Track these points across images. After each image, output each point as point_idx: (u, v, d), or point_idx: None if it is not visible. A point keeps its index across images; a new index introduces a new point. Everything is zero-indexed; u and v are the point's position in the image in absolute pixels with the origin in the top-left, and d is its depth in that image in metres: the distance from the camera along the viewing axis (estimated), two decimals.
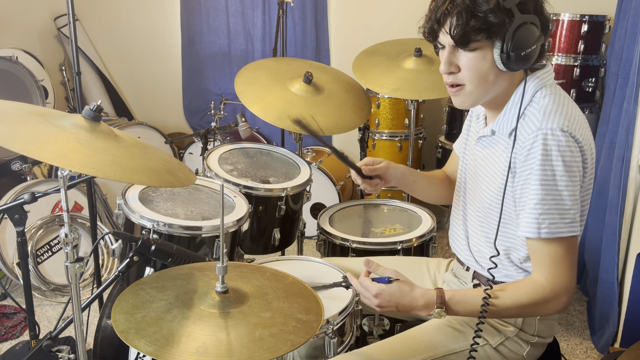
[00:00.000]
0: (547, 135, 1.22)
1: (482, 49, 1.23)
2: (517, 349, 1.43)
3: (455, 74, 1.29)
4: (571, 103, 1.31)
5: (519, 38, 1.19)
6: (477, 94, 1.30)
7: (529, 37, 1.20)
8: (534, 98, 1.29)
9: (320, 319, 1.15)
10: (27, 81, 3.20)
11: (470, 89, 1.29)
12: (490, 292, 1.26)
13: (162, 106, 4.38)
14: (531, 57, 1.23)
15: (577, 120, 1.27)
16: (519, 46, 1.20)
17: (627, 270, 2.39)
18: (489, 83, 1.28)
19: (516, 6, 1.19)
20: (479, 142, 1.42)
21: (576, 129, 1.24)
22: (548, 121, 1.23)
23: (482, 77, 1.26)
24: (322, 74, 2.45)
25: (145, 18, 4.21)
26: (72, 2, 2.09)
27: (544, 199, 1.23)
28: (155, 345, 1.03)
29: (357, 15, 3.82)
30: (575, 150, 1.23)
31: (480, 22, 1.19)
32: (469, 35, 1.21)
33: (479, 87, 1.28)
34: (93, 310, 2.70)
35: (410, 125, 2.95)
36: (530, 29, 1.20)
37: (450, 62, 1.28)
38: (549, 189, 1.23)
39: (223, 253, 1.14)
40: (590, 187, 1.35)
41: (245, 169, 2.27)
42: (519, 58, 1.21)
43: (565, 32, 2.95)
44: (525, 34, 1.20)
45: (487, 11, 1.18)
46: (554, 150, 1.21)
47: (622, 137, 2.40)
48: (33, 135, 1.18)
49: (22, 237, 1.71)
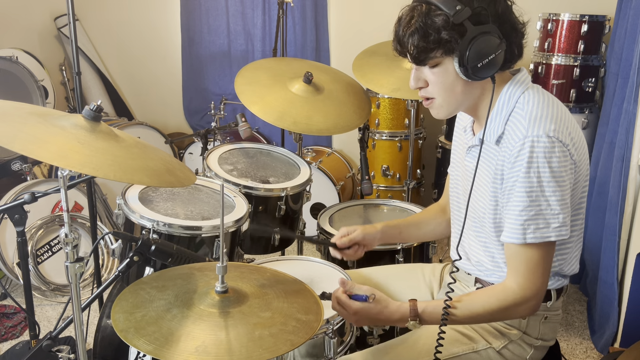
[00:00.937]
0: (533, 143, 1.22)
1: (443, 64, 1.27)
2: (520, 352, 1.43)
3: (425, 88, 1.34)
4: (556, 104, 1.31)
5: (474, 50, 1.22)
6: (448, 104, 1.34)
7: (486, 47, 1.22)
8: (518, 103, 1.30)
9: (319, 319, 1.15)
10: (27, 81, 3.20)
11: (440, 102, 1.34)
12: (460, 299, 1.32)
13: (162, 106, 4.38)
14: (493, 65, 1.24)
15: (563, 121, 1.27)
16: (476, 57, 1.22)
17: (627, 270, 2.39)
18: (458, 94, 1.31)
19: (468, 19, 1.21)
20: (468, 153, 1.43)
21: (562, 132, 1.24)
22: (534, 128, 1.24)
23: (449, 89, 1.30)
24: (322, 74, 2.45)
25: (145, 18, 4.21)
26: (72, 2, 2.09)
27: (529, 206, 1.24)
28: (155, 344, 1.03)
29: (357, 15, 3.82)
30: (562, 154, 1.23)
31: (434, 40, 1.23)
32: (424, 53, 1.26)
33: (448, 99, 1.32)
34: (93, 310, 2.70)
35: (410, 125, 2.96)
36: (487, 39, 1.22)
37: (418, 78, 1.33)
38: (535, 196, 1.24)
39: (223, 253, 1.15)
40: (586, 186, 1.35)
41: (245, 169, 2.27)
42: (479, 68, 1.24)
43: (565, 32, 2.95)
44: (481, 45, 1.22)
45: (438, 29, 1.22)
46: (540, 157, 1.22)
47: (622, 137, 2.40)
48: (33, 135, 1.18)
49: (22, 237, 1.71)
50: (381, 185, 3.45)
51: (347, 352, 1.56)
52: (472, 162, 1.41)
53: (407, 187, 3.11)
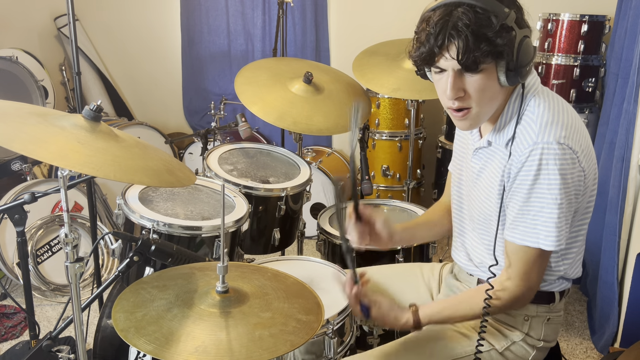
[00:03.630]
0: (543, 150, 1.22)
1: (488, 70, 1.22)
2: (523, 353, 1.43)
3: (462, 98, 1.26)
4: (566, 109, 1.30)
5: (522, 53, 1.20)
6: (484, 114, 1.29)
7: (529, 51, 1.22)
8: (528, 107, 1.29)
9: (320, 319, 1.16)
10: (27, 81, 3.20)
11: (477, 111, 1.27)
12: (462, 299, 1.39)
13: (162, 106, 4.38)
14: (528, 70, 1.24)
15: (574, 127, 1.26)
16: (524, 61, 1.20)
17: (627, 270, 2.39)
18: (494, 102, 1.28)
19: (515, 23, 1.19)
20: (475, 155, 1.42)
21: (573, 139, 1.24)
22: (544, 134, 1.23)
23: (489, 97, 1.26)
24: (322, 74, 2.45)
25: (145, 18, 4.21)
26: (72, 2, 2.09)
27: (540, 212, 1.25)
28: (155, 344, 1.03)
29: (357, 15, 3.82)
30: (572, 162, 1.23)
31: (490, 46, 1.17)
32: (478, 59, 1.18)
33: (485, 107, 1.27)
34: (93, 310, 2.70)
35: (410, 125, 2.95)
36: (528, 42, 1.22)
37: (458, 87, 1.24)
38: (545, 203, 1.24)
39: (224, 253, 1.15)
40: (594, 194, 1.34)
41: (245, 169, 2.27)
42: (524, 72, 1.22)
43: (565, 32, 2.95)
44: (526, 48, 1.21)
45: (495, 33, 1.17)
46: (550, 164, 1.22)
47: (622, 137, 2.40)
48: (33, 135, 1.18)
49: (22, 237, 1.71)
50: (381, 185, 3.45)
51: (347, 352, 1.56)
52: (479, 164, 1.40)
53: (407, 187, 3.11)
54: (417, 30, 1.27)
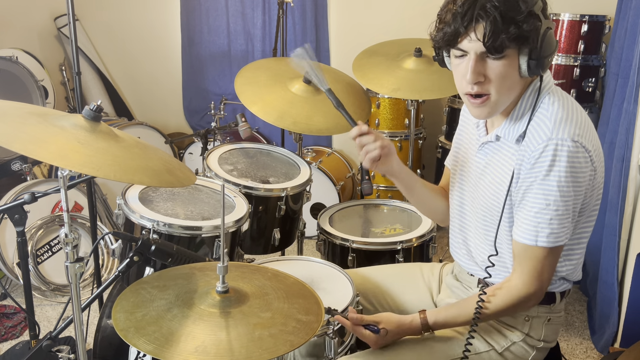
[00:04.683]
0: (557, 146, 1.21)
1: (510, 56, 1.20)
2: (522, 354, 1.42)
3: (482, 84, 1.23)
4: (579, 108, 1.30)
5: (546, 43, 1.19)
6: (501, 103, 1.27)
7: (552, 42, 1.21)
8: (542, 104, 1.28)
9: (320, 319, 1.15)
10: (27, 81, 3.20)
11: (496, 99, 1.25)
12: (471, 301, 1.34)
13: (162, 106, 4.38)
14: (550, 63, 1.23)
15: (586, 127, 1.27)
16: (547, 52, 1.19)
17: (627, 270, 2.39)
18: (512, 91, 1.26)
19: (541, 12, 1.18)
20: (481, 150, 1.40)
21: (586, 138, 1.24)
22: (559, 131, 1.22)
23: (508, 85, 1.24)
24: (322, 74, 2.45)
25: (145, 18, 4.21)
26: (72, 2, 2.09)
27: (545, 209, 1.24)
28: (155, 344, 1.03)
29: (357, 15, 3.82)
30: (585, 160, 1.23)
31: (517, 30, 1.16)
32: (504, 42, 1.17)
33: (503, 96, 1.25)
34: (93, 310, 2.69)
35: (410, 125, 2.95)
36: (551, 33, 1.21)
37: (479, 72, 1.22)
38: (552, 200, 1.23)
39: (224, 253, 1.15)
40: (600, 194, 1.34)
41: (245, 169, 2.27)
42: (545, 63, 1.21)
43: (565, 32, 2.95)
44: (550, 39, 1.20)
45: (523, 18, 1.15)
46: (563, 161, 1.21)
47: (622, 137, 2.40)
48: (33, 135, 1.18)
49: (22, 237, 1.71)
50: (381, 185, 3.45)
51: (347, 352, 1.56)
52: (484, 159, 1.39)
53: None
54: (441, 10, 1.25)
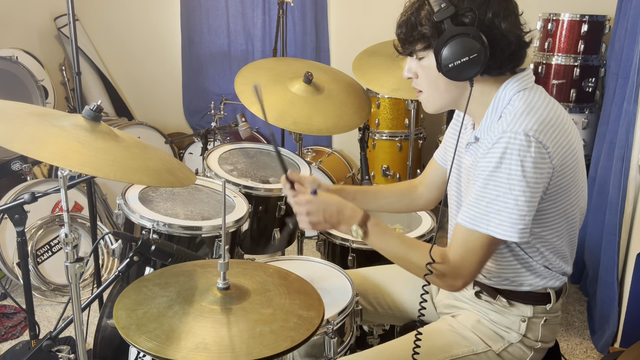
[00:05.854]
0: (509, 138, 1.22)
1: (428, 58, 1.31)
2: (520, 354, 1.42)
3: (415, 80, 1.38)
4: (552, 107, 1.29)
5: (448, 49, 1.23)
6: (433, 99, 1.37)
7: (461, 49, 1.23)
8: (511, 101, 1.30)
9: (320, 315, 1.15)
10: (27, 81, 3.20)
11: (426, 95, 1.38)
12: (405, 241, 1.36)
13: (162, 106, 4.38)
14: (469, 67, 1.23)
15: (554, 125, 1.25)
16: (450, 57, 1.23)
17: (627, 270, 2.39)
18: (441, 91, 1.34)
19: (450, 19, 1.23)
20: (467, 150, 1.43)
21: (546, 134, 1.23)
22: (515, 124, 1.23)
23: (433, 84, 1.34)
24: (322, 74, 2.45)
25: (146, 18, 4.21)
26: (72, 2, 2.09)
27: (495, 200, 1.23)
28: (156, 341, 1.04)
29: (357, 15, 3.82)
30: (539, 156, 1.22)
31: (416, 33, 1.29)
32: (406, 44, 1.32)
33: (432, 94, 1.36)
34: (93, 310, 2.70)
35: (410, 125, 2.96)
36: (463, 41, 1.22)
37: (409, 69, 1.37)
38: (502, 192, 1.23)
39: (225, 249, 1.15)
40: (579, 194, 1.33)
41: (245, 169, 2.27)
42: (452, 69, 1.25)
43: (565, 32, 2.95)
44: (456, 46, 1.23)
45: (420, 22, 1.27)
46: (514, 154, 1.21)
47: (622, 137, 2.40)
48: (33, 135, 1.18)
49: (22, 237, 1.71)
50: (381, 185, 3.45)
51: (347, 352, 1.56)
52: (470, 159, 1.40)
53: None
54: None
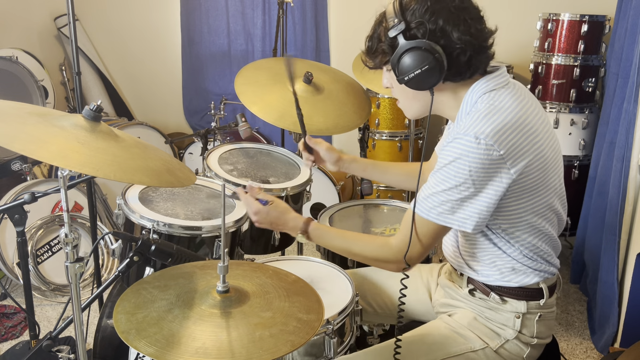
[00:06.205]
0: (462, 140, 1.24)
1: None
2: (517, 351, 1.43)
3: (392, 90, 1.46)
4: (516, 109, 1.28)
5: (402, 63, 1.29)
6: (409, 107, 1.44)
7: (412, 62, 1.28)
8: (476, 103, 1.32)
9: (320, 318, 1.15)
10: (27, 81, 3.20)
11: (402, 104, 1.46)
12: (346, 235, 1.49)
13: (162, 106, 4.39)
14: (425, 78, 1.28)
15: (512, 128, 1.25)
16: (404, 70, 1.29)
17: (627, 270, 2.39)
18: (411, 100, 1.41)
19: (401, 34, 1.28)
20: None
21: (500, 137, 1.23)
22: (469, 127, 1.25)
23: (403, 94, 1.42)
24: (322, 74, 2.45)
25: (146, 18, 4.21)
26: (72, 2, 2.09)
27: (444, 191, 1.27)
28: (156, 346, 1.03)
29: (357, 15, 3.82)
30: (488, 160, 1.23)
31: (376, 48, 1.37)
32: (370, 58, 1.41)
33: (405, 103, 1.44)
34: (93, 310, 2.70)
35: (410, 125, 2.96)
36: (413, 54, 1.27)
37: (386, 79, 1.45)
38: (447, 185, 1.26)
39: (224, 252, 1.14)
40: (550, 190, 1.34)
41: (245, 169, 2.27)
42: (409, 80, 1.30)
43: (565, 32, 2.95)
44: (407, 59, 1.28)
45: (379, 39, 1.35)
46: (463, 155, 1.24)
47: (622, 137, 2.40)
48: (33, 135, 1.18)
49: (22, 237, 1.71)
50: (381, 185, 3.45)
51: (347, 352, 1.56)
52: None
53: None
54: None
